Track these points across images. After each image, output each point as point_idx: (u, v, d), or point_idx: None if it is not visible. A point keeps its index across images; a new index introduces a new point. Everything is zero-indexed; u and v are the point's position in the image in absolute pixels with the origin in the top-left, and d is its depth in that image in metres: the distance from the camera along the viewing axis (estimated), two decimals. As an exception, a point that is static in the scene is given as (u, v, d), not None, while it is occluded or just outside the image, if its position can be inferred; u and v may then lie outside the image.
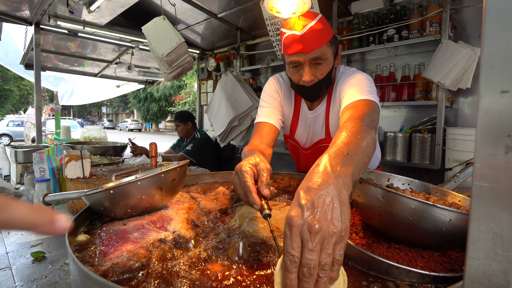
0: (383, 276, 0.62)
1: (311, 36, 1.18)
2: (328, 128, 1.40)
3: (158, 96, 27.89)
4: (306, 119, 1.47)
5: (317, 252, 0.50)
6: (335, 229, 0.51)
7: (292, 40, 1.20)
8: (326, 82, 1.28)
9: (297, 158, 1.62)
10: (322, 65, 1.24)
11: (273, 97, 1.47)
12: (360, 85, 1.20)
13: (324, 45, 1.21)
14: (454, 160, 2.20)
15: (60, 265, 0.97)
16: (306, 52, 1.19)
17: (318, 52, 1.20)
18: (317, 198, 0.53)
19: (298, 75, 1.27)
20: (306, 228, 0.50)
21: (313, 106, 1.45)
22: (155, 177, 0.84)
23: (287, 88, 1.49)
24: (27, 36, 4.03)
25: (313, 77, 1.25)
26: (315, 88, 1.28)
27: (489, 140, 0.37)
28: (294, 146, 1.57)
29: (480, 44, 0.33)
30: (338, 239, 0.51)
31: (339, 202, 0.54)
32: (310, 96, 1.34)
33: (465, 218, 0.61)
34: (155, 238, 0.73)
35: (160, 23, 2.59)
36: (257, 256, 0.70)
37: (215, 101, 3.97)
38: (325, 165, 0.63)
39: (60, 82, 6.56)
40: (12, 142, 16.23)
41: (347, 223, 0.53)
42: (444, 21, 2.27)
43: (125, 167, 2.15)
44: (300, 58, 1.22)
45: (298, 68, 1.26)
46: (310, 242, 0.49)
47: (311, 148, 1.48)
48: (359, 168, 0.69)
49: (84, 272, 0.55)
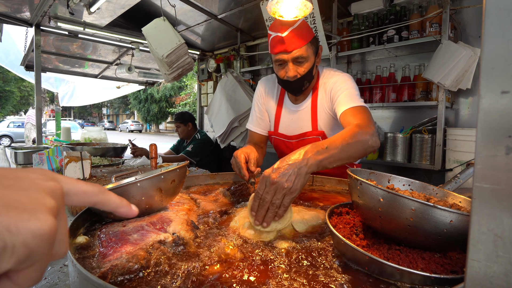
0: (384, 278, 0.62)
1: (293, 37, 1.34)
2: (315, 121, 1.54)
3: (159, 97, 27.91)
4: (290, 113, 1.62)
5: (271, 195, 0.83)
6: (286, 185, 0.83)
7: (277, 41, 1.36)
8: (308, 77, 1.45)
9: (280, 151, 1.73)
10: (304, 63, 1.40)
11: (258, 103, 1.72)
12: (351, 89, 1.41)
13: (305, 45, 1.36)
14: (455, 160, 2.19)
15: (59, 266, 0.97)
16: (289, 51, 1.35)
17: (300, 52, 1.36)
18: (283, 165, 0.86)
19: (283, 72, 1.43)
20: (269, 179, 0.84)
21: (297, 100, 1.60)
22: (155, 179, 0.84)
23: (271, 88, 1.69)
24: (28, 37, 4.04)
25: (296, 73, 1.41)
26: (298, 83, 1.44)
27: (489, 141, 0.37)
28: (278, 140, 1.69)
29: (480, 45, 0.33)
30: (287, 192, 0.83)
31: (296, 173, 0.85)
32: (294, 90, 1.49)
33: (466, 219, 0.61)
34: (155, 240, 0.73)
35: (160, 24, 2.59)
36: (256, 256, 0.70)
37: (215, 102, 3.97)
38: (303, 149, 0.92)
39: (60, 83, 6.57)
40: (13, 143, 16.24)
41: (296, 186, 0.84)
42: (444, 22, 2.27)
43: (125, 168, 2.15)
44: (284, 56, 1.38)
45: (283, 65, 1.42)
46: (268, 187, 0.83)
47: (297, 138, 1.60)
48: (332, 160, 0.95)
49: (83, 274, 0.55)
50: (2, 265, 0.24)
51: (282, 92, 1.65)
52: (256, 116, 1.72)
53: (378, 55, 2.95)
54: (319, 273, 0.64)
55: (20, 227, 0.24)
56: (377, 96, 2.77)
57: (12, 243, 0.24)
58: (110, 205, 0.36)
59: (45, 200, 0.27)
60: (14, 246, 0.24)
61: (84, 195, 0.33)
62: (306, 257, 0.71)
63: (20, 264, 0.25)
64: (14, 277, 0.26)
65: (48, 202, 0.27)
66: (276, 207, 0.83)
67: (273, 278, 0.61)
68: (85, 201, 0.34)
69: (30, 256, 0.25)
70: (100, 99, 7.30)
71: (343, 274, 0.63)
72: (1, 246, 0.23)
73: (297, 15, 1.35)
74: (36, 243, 0.25)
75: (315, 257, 0.71)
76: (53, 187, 0.29)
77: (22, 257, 0.24)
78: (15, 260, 0.24)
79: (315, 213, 0.97)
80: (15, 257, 0.24)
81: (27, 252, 0.25)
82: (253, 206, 0.85)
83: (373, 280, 0.61)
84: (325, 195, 1.32)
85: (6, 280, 0.26)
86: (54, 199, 0.28)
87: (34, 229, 0.25)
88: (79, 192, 0.33)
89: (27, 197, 0.26)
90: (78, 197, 0.33)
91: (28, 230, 0.24)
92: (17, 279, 0.26)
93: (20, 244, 0.24)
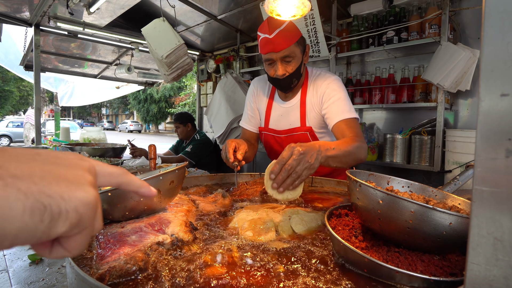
0: (383, 280, 0.61)
1: (280, 38, 1.41)
2: (304, 117, 1.62)
3: (158, 97, 27.89)
4: (280, 109, 1.69)
5: (296, 163, 0.93)
6: (310, 160, 0.96)
7: (266, 41, 1.44)
8: (296, 75, 1.52)
9: (270, 147, 1.80)
10: (292, 62, 1.48)
11: (250, 101, 1.81)
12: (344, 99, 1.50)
13: (292, 45, 1.44)
14: (454, 162, 2.19)
15: (57, 267, 0.96)
16: (277, 51, 1.43)
17: (287, 51, 1.44)
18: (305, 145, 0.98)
19: (272, 70, 1.51)
20: (297, 149, 0.95)
21: (287, 97, 1.68)
22: (153, 180, 0.84)
23: (263, 87, 1.78)
24: (27, 37, 4.03)
25: (285, 71, 1.48)
26: (286, 80, 1.51)
27: (489, 144, 0.37)
28: (268, 136, 1.76)
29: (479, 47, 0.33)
30: (307, 167, 0.95)
31: (316, 154, 0.98)
32: (283, 87, 1.57)
33: (465, 221, 0.60)
34: (153, 241, 0.73)
35: (159, 25, 2.59)
36: (256, 258, 0.70)
37: (215, 102, 3.97)
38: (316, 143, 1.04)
39: (60, 83, 6.56)
40: (12, 143, 16.20)
41: (315, 165, 0.98)
42: (443, 23, 2.27)
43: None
44: (273, 56, 1.46)
45: (272, 64, 1.50)
46: (295, 155, 0.94)
47: (286, 133, 1.67)
48: (336, 160, 1.10)
49: (81, 275, 0.54)
50: (59, 227, 0.28)
51: (273, 90, 1.75)
52: (248, 114, 1.82)
53: (377, 56, 2.95)
54: (318, 276, 0.63)
55: (71, 195, 0.29)
56: (376, 97, 2.77)
57: (66, 209, 0.28)
58: (133, 186, 0.40)
59: (85, 175, 0.32)
60: (68, 211, 0.28)
61: (111, 176, 0.37)
62: (305, 259, 0.71)
63: (72, 228, 0.29)
64: (65, 243, 0.31)
65: (88, 177, 0.32)
66: (297, 176, 0.93)
67: (273, 280, 0.61)
68: (112, 181, 0.37)
69: (80, 222, 0.29)
70: (100, 99, 7.29)
71: (342, 276, 0.63)
72: (58, 210, 0.27)
73: (295, 14, 1.35)
74: (85, 210, 0.29)
75: (314, 259, 0.71)
76: (89, 166, 0.33)
77: (74, 222, 0.29)
78: (69, 224, 0.28)
79: (314, 215, 0.97)
80: (69, 221, 0.28)
81: (78, 217, 0.29)
82: (274, 170, 0.92)
83: (372, 282, 0.61)
84: (324, 196, 1.31)
85: (58, 246, 0.31)
86: (91, 175, 0.33)
87: (81, 197, 0.29)
88: (106, 173, 0.36)
89: (71, 172, 0.30)
90: (106, 178, 0.37)
91: (77, 199, 0.29)
92: (67, 245, 0.31)
93: (73, 210, 0.28)
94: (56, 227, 0.28)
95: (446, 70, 2.14)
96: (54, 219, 0.27)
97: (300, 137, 1.63)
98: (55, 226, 0.27)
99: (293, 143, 0.99)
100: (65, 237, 0.30)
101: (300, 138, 1.63)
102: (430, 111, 2.62)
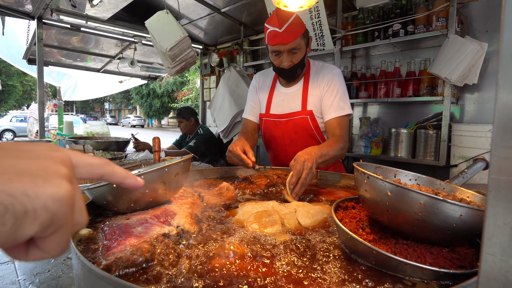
0: (391, 273, 0.61)
1: (289, 31, 1.51)
2: (305, 102, 1.71)
3: (161, 92, 27.87)
4: (281, 95, 1.78)
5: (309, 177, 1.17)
6: (313, 171, 1.21)
7: (275, 34, 1.53)
8: (301, 65, 1.64)
9: (270, 133, 1.85)
10: (297, 53, 1.58)
11: (253, 93, 1.89)
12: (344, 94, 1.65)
13: (299, 38, 1.54)
14: (460, 156, 2.17)
15: (63, 259, 0.96)
16: (285, 43, 1.53)
17: (294, 44, 1.54)
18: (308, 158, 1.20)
19: (279, 61, 1.61)
20: (306, 165, 1.18)
21: (289, 84, 1.77)
22: (159, 171, 0.83)
23: (265, 79, 1.88)
24: (30, 30, 4.02)
25: (291, 62, 1.59)
26: (291, 70, 1.63)
27: (506, 132, 0.36)
28: (268, 121, 1.82)
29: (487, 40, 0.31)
30: (312, 176, 1.20)
31: (315, 165, 1.22)
32: (289, 76, 1.69)
33: (476, 214, 0.59)
34: (159, 233, 0.72)
35: (163, 17, 2.57)
36: (262, 250, 0.69)
37: (218, 96, 3.95)
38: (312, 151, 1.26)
39: (62, 77, 6.57)
40: (16, 137, 16.31)
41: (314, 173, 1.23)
42: (451, 16, 2.23)
43: (128, 162, 2.15)
44: (280, 48, 1.56)
45: (279, 55, 1.60)
46: (306, 170, 1.17)
47: (287, 117, 1.74)
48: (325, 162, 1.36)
49: (87, 266, 0.54)
50: (27, 229, 0.24)
51: (275, 79, 1.85)
52: (250, 105, 1.90)
53: (383, 50, 2.92)
54: (325, 268, 0.63)
55: (37, 191, 0.25)
56: (381, 91, 2.74)
57: (32, 207, 0.24)
58: (116, 176, 0.37)
59: (56, 167, 0.28)
60: (35, 210, 0.25)
61: (91, 167, 0.34)
62: (311, 251, 0.70)
63: (44, 228, 0.26)
64: (42, 244, 0.27)
65: (60, 169, 0.28)
66: (306, 184, 1.16)
67: (279, 271, 0.61)
68: (93, 172, 0.34)
69: (53, 221, 0.26)
70: (103, 93, 7.30)
71: (349, 269, 0.62)
72: (22, 210, 0.24)
73: (302, 5, 1.33)
74: (56, 207, 0.26)
75: (320, 251, 0.70)
76: (63, 156, 0.30)
77: (45, 221, 0.25)
78: (39, 224, 0.25)
79: (320, 208, 0.96)
80: (39, 221, 0.25)
81: (50, 216, 0.26)
82: (292, 181, 1.14)
83: (380, 274, 0.60)
84: (329, 189, 1.31)
85: (35, 248, 0.27)
86: (65, 167, 0.29)
87: (51, 193, 0.26)
88: (86, 164, 0.33)
89: (38, 165, 0.27)
90: (86, 169, 0.33)
91: (46, 194, 0.25)
92: (44, 246, 0.27)
93: (41, 207, 0.25)
94: (23, 229, 0.24)
95: (453, 63, 2.11)
96: (19, 220, 0.24)
97: (300, 121, 1.70)
98: (21, 228, 0.24)
99: (301, 152, 1.24)
100: (41, 238, 0.27)
101: (300, 122, 1.71)
102: (436, 105, 2.59)
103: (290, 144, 1.76)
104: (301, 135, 1.73)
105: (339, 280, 0.58)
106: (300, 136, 1.73)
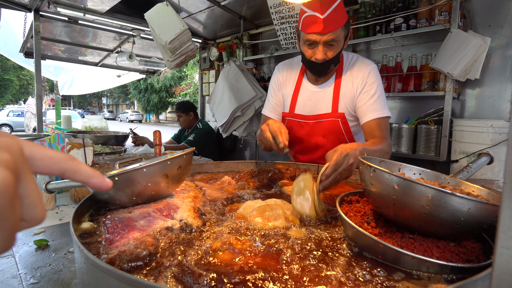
0: (397, 266, 0.60)
1: (331, 19, 1.29)
2: (336, 103, 1.51)
3: (159, 87, 27.70)
4: (309, 92, 1.58)
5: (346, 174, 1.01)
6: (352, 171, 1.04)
7: (314, 20, 1.31)
8: (335, 61, 1.43)
9: (294, 134, 1.65)
10: (334, 46, 1.37)
11: (275, 87, 1.67)
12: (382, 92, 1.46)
13: (339, 29, 1.33)
14: (461, 152, 2.17)
15: (64, 253, 0.96)
16: (324, 33, 1.32)
17: (334, 35, 1.33)
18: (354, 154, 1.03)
19: (311, 52, 1.39)
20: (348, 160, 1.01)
21: (318, 81, 1.56)
22: (161, 164, 0.82)
23: (290, 72, 1.65)
24: (27, 23, 3.96)
25: (325, 56, 1.38)
26: (324, 66, 1.42)
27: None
28: (292, 122, 1.63)
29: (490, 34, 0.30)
30: (348, 176, 1.04)
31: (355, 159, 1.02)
32: (320, 71, 1.47)
33: (484, 207, 0.59)
34: (162, 226, 0.71)
35: (163, 10, 2.53)
36: (265, 244, 0.68)
37: (218, 91, 3.92)
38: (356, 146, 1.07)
39: (60, 71, 6.50)
40: (13, 132, 16.20)
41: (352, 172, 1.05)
42: (454, 10, 2.21)
43: (128, 156, 2.14)
44: (317, 38, 1.34)
45: (312, 46, 1.38)
46: (345, 165, 1.00)
47: (314, 119, 1.56)
48: None
49: (91, 259, 0.53)
50: None
51: (301, 74, 1.62)
52: (272, 102, 1.69)
53: (384, 44, 2.89)
54: (330, 261, 0.62)
55: None
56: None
57: None
58: (81, 174, 0.33)
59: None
60: None
61: (51, 160, 0.31)
62: (316, 244, 0.70)
63: None
64: None
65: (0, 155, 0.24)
66: (339, 181, 1.01)
67: (284, 265, 0.60)
68: (53, 167, 0.31)
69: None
70: (100, 87, 7.24)
71: (354, 262, 0.62)
72: None
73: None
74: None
75: (325, 244, 0.70)
76: (8, 143, 0.26)
77: None
78: None
79: (324, 202, 0.96)
80: None
81: None
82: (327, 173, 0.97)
83: (386, 268, 0.60)
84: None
85: None
86: (10, 154, 0.25)
87: None
88: (44, 156, 0.30)
89: None
90: (44, 162, 0.30)
91: None
92: None
93: None
94: None
95: (456, 58, 2.10)
96: None
97: (330, 124, 1.52)
98: None
99: (344, 144, 1.05)
100: None
101: (329, 125, 1.53)
102: (437, 100, 2.58)
103: (317, 148, 1.59)
104: (330, 139, 1.55)
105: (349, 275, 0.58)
106: (329, 140, 1.55)
